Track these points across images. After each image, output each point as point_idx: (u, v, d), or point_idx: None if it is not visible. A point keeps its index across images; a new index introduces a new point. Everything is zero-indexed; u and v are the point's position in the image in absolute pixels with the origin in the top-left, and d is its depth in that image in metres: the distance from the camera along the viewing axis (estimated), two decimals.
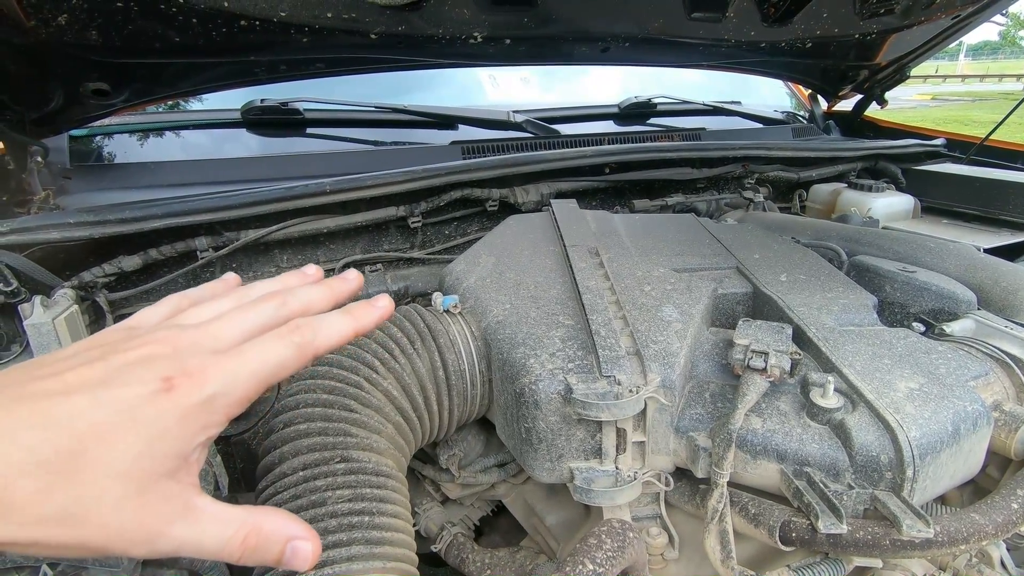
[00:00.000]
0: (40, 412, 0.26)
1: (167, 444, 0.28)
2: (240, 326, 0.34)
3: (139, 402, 0.28)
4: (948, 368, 0.67)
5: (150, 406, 0.28)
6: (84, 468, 0.26)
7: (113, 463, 0.27)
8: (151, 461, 0.28)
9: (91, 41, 0.86)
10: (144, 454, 0.27)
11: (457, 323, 0.77)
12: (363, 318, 0.37)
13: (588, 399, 0.61)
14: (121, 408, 0.27)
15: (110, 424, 0.27)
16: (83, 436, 0.26)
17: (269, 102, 1.28)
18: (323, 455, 0.61)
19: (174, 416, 0.28)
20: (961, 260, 0.96)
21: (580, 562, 0.50)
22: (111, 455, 0.27)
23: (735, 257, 0.93)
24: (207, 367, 0.30)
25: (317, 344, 0.34)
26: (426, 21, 1.06)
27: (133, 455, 0.27)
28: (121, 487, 0.27)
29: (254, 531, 0.31)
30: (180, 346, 0.31)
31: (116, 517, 0.27)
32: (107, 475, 0.26)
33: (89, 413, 0.27)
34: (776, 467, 0.61)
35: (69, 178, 1.11)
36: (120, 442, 0.27)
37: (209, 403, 0.30)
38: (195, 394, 0.29)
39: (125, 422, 0.27)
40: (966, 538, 0.54)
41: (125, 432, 0.27)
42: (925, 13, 1.43)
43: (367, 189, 1.04)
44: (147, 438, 0.28)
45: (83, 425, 0.26)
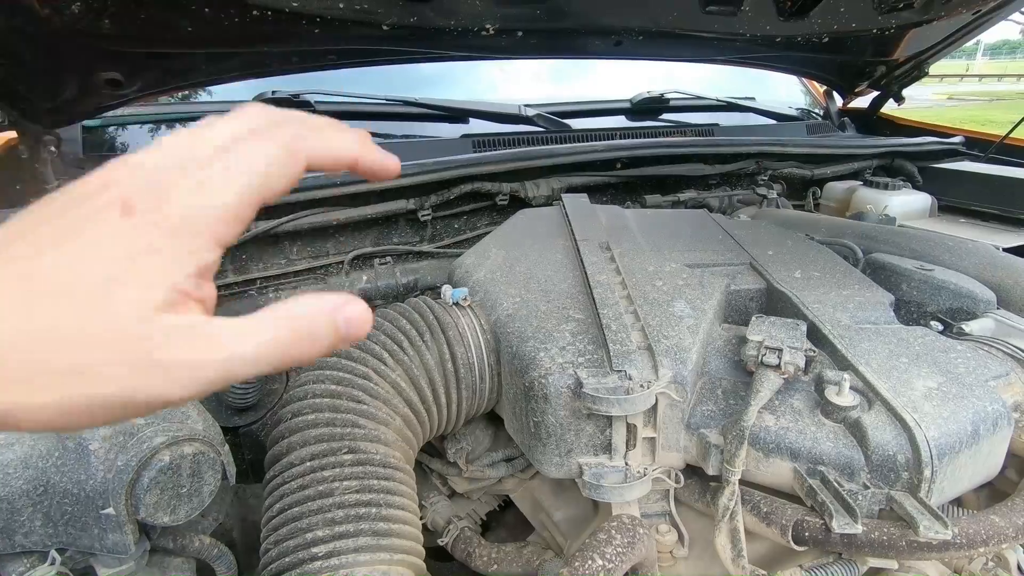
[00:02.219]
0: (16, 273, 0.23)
1: (145, 276, 0.24)
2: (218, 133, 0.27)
3: (101, 237, 0.24)
4: (967, 367, 0.65)
5: (116, 238, 0.24)
6: (68, 319, 0.23)
7: (94, 308, 0.23)
8: (134, 298, 0.24)
9: (104, 30, 0.86)
10: (123, 292, 0.23)
11: (467, 316, 0.77)
12: (368, 149, 0.31)
13: (598, 393, 0.60)
14: (87, 249, 0.24)
15: (81, 268, 0.23)
16: (62, 288, 0.23)
17: (280, 94, 1.28)
18: (331, 446, 0.60)
19: (142, 243, 0.24)
20: (980, 259, 0.94)
21: (589, 557, 0.50)
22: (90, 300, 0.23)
23: (748, 253, 0.91)
24: (172, 178, 0.25)
25: (310, 146, 0.28)
26: (438, 13, 1.06)
27: (113, 295, 0.23)
28: (112, 330, 0.23)
29: (294, 322, 0.26)
30: (141, 165, 0.26)
31: (119, 360, 0.23)
32: (92, 320, 0.23)
33: (61, 262, 0.23)
34: (789, 465, 0.60)
35: (82, 168, 1.11)
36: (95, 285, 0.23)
37: (186, 221, 0.24)
38: (162, 209, 0.24)
39: (94, 262, 0.23)
40: (985, 540, 0.53)
41: (97, 273, 0.23)
42: (945, 8, 1.40)
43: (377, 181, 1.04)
44: (120, 274, 0.24)
45: (61, 276, 0.23)
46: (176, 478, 0.53)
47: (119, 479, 0.51)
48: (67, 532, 0.53)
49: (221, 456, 0.57)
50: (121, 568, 0.55)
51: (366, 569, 0.53)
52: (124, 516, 0.52)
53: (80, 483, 0.51)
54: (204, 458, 0.54)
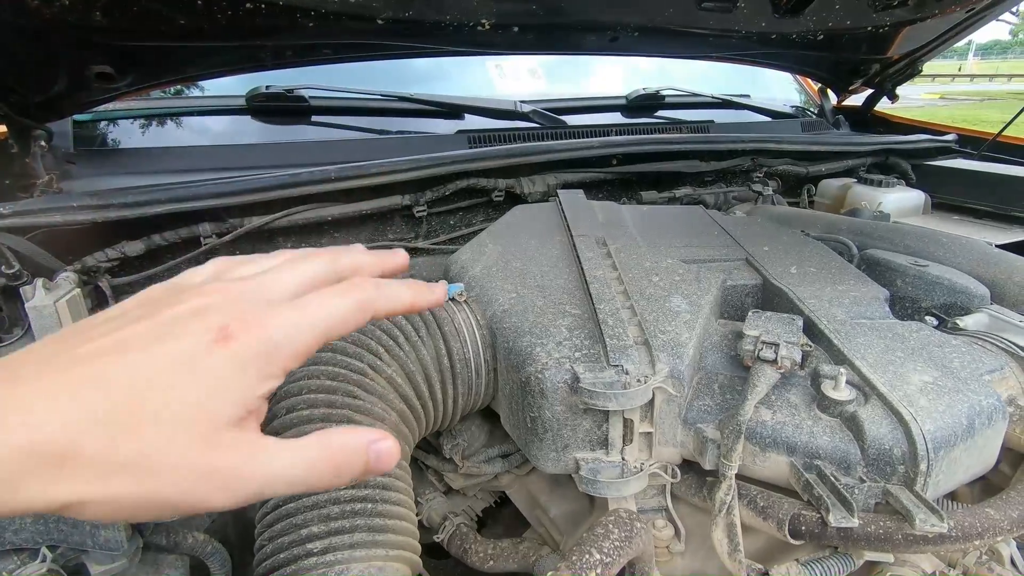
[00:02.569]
0: (96, 372, 0.26)
1: (228, 394, 0.27)
2: (294, 278, 0.32)
3: (195, 353, 0.27)
4: (962, 362, 0.65)
5: (207, 357, 0.27)
6: (145, 420, 0.25)
7: (175, 413, 0.26)
8: (213, 411, 0.27)
9: (96, 22, 0.85)
10: (204, 404, 0.27)
11: (462, 311, 0.76)
12: (420, 294, 0.37)
13: (595, 388, 0.60)
14: (177, 360, 0.27)
15: (167, 376, 0.26)
16: (141, 391, 0.26)
17: (274, 89, 1.27)
18: None
19: (233, 366, 0.27)
20: (974, 255, 0.94)
21: (587, 551, 0.49)
22: (171, 406, 0.26)
23: (744, 249, 0.91)
24: (266, 316, 0.29)
25: (377, 306, 0.33)
26: (433, 7, 1.05)
27: (193, 404, 0.26)
28: (185, 435, 0.26)
29: (335, 449, 0.30)
30: (234, 297, 0.30)
31: (185, 464, 0.26)
32: (170, 424, 0.26)
33: (145, 367, 0.26)
34: (786, 460, 0.60)
35: (73, 163, 1.10)
36: (179, 393, 0.26)
37: (269, 353, 0.28)
38: (254, 344, 0.28)
39: (182, 374, 0.26)
40: (980, 534, 0.53)
41: (183, 383, 0.26)
42: (939, 6, 1.41)
43: (372, 177, 1.04)
44: (206, 388, 0.27)
45: (140, 380, 0.26)
46: None
47: None
48: (58, 529, 0.52)
49: None
50: (113, 565, 0.54)
51: (362, 565, 0.53)
52: None
53: None
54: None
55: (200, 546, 0.60)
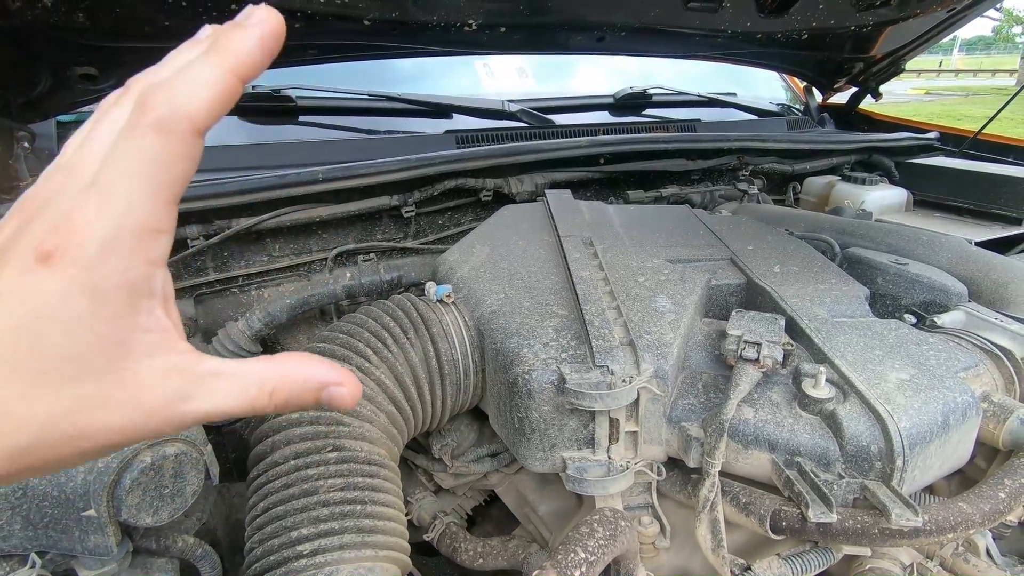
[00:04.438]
0: None
1: (94, 324, 0.22)
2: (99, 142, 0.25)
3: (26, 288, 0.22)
4: (938, 359, 0.67)
5: (39, 289, 0.22)
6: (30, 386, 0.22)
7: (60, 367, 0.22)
8: (95, 349, 0.22)
9: (78, 24, 0.85)
10: (80, 346, 0.22)
11: (451, 313, 0.77)
12: (234, 49, 0.25)
13: (581, 389, 0.61)
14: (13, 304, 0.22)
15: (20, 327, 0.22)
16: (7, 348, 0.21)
17: (261, 89, 1.27)
18: (315, 444, 0.60)
19: (74, 291, 0.22)
20: (952, 253, 0.96)
21: (572, 550, 0.50)
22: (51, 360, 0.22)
23: (729, 248, 0.93)
24: (77, 209, 0.23)
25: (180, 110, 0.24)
26: (420, 8, 1.05)
27: (70, 351, 0.22)
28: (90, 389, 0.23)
29: (282, 382, 0.27)
30: (47, 196, 0.24)
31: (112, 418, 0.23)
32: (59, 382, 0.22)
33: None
34: (767, 457, 0.62)
35: None
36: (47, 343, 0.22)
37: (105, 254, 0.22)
38: (79, 252, 0.22)
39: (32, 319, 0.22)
40: (954, 527, 0.55)
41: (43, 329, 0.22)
42: (921, 6, 1.43)
43: (360, 178, 1.03)
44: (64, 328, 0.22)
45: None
46: (158, 479, 0.53)
47: (100, 481, 0.51)
48: (47, 535, 0.52)
49: (204, 456, 0.56)
50: (103, 570, 0.55)
51: (351, 567, 0.53)
52: (106, 518, 0.51)
53: (60, 485, 0.51)
54: (186, 458, 0.54)
55: (190, 549, 0.60)
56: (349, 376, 0.28)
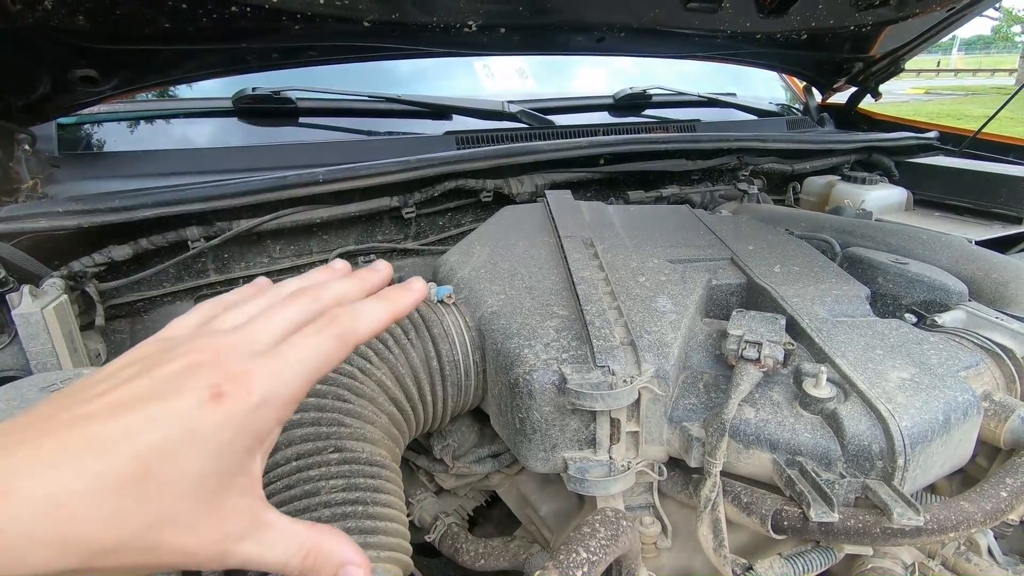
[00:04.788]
0: (94, 436, 0.25)
1: (228, 457, 0.28)
2: (276, 325, 0.33)
3: (193, 415, 0.27)
4: (939, 358, 0.67)
5: (204, 418, 0.27)
6: (153, 491, 0.25)
7: (181, 482, 0.26)
8: (217, 476, 0.27)
9: (79, 26, 0.85)
10: (208, 469, 0.27)
11: (451, 313, 0.77)
12: (399, 302, 0.37)
13: (582, 389, 0.61)
14: (177, 423, 0.26)
15: (169, 441, 0.26)
16: (144, 457, 0.25)
17: (261, 91, 1.27)
18: (316, 445, 0.60)
19: (230, 427, 0.28)
20: (953, 252, 0.96)
21: (574, 550, 0.50)
22: (177, 474, 0.26)
23: (729, 248, 0.93)
24: (251, 371, 0.29)
25: (358, 333, 0.34)
26: (420, 9, 1.05)
27: (198, 472, 0.27)
28: (192, 506, 0.27)
29: (314, 551, 0.31)
30: (220, 352, 0.30)
31: (191, 537, 0.27)
32: (177, 495, 0.26)
33: (145, 432, 0.26)
34: (769, 456, 0.62)
35: (57, 166, 1.09)
36: (183, 459, 0.26)
37: (260, 408, 0.29)
38: (245, 400, 0.28)
39: (183, 438, 0.26)
40: (955, 526, 0.55)
41: (186, 448, 0.26)
42: (920, 5, 1.43)
43: (361, 179, 1.04)
44: (208, 453, 0.27)
45: (142, 445, 0.26)
46: None
47: None
48: None
49: None
50: None
51: None
52: None
53: None
54: None
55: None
56: (366, 562, 0.33)
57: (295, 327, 0.33)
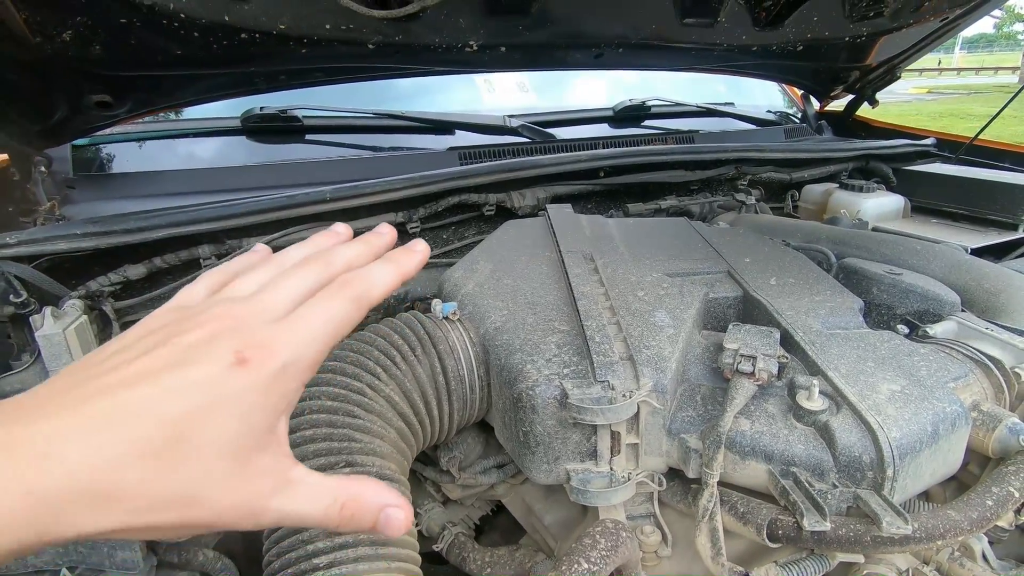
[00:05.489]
0: (124, 402, 0.27)
1: (256, 418, 0.29)
2: (291, 292, 0.34)
3: (219, 380, 0.28)
4: (929, 370, 0.69)
5: (231, 382, 0.28)
6: (189, 452, 0.27)
7: (214, 443, 0.28)
8: (247, 437, 0.28)
9: (95, 56, 0.88)
10: (239, 431, 0.28)
11: (456, 330, 0.79)
12: (405, 264, 0.37)
13: (583, 404, 0.63)
14: (204, 389, 0.28)
15: (200, 406, 0.27)
16: (178, 421, 0.27)
17: (268, 110, 1.30)
18: (329, 460, 0.63)
19: (256, 389, 0.29)
20: (946, 262, 0.98)
21: (576, 561, 0.53)
22: (210, 436, 0.27)
23: (726, 261, 0.95)
24: (274, 336, 0.31)
25: (371, 295, 0.35)
26: (423, 30, 1.08)
27: (231, 433, 0.28)
28: (225, 465, 0.28)
29: (351, 500, 0.32)
30: (240, 319, 0.31)
31: (224, 495, 0.28)
32: (211, 456, 0.27)
33: (175, 397, 0.27)
34: (764, 467, 0.64)
35: (72, 187, 1.13)
36: (215, 422, 0.28)
37: (284, 372, 0.30)
38: (269, 365, 0.29)
39: (214, 402, 0.28)
40: (943, 534, 0.57)
41: (218, 412, 0.28)
42: (914, 16, 1.45)
43: (367, 196, 1.07)
44: (238, 414, 0.28)
45: (175, 410, 0.27)
46: None
47: None
48: (77, 551, 0.55)
49: None
50: None
51: None
52: None
53: None
54: None
55: (210, 562, 0.63)
56: (407, 503, 0.33)
57: (309, 292, 0.34)
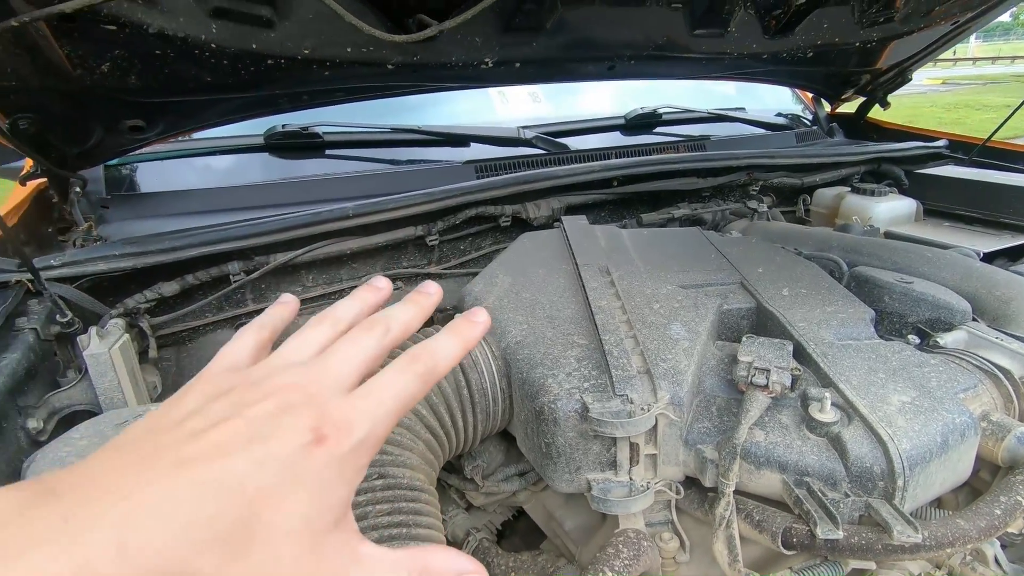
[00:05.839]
0: (206, 479, 0.26)
1: (330, 496, 0.28)
2: (356, 359, 0.33)
3: (296, 457, 0.27)
4: (939, 381, 0.71)
5: (307, 460, 0.28)
6: (259, 534, 0.26)
7: (285, 524, 0.27)
8: (319, 516, 0.28)
9: (131, 85, 0.93)
10: (312, 511, 0.27)
11: (479, 344, 0.83)
12: (468, 335, 0.37)
13: (603, 417, 0.66)
14: (281, 466, 0.27)
15: (275, 485, 0.27)
16: (253, 501, 0.26)
17: (290, 127, 1.34)
18: None
19: (332, 467, 0.28)
20: (957, 270, 1.00)
21: (600, 570, 0.56)
22: (282, 517, 0.27)
23: (739, 272, 0.97)
24: (349, 413, 0.30)
25: (438, 370, 0.34)
26: (441, 49, 1.12)
27: (302, 513, 0.27)
28: (295, 547, 0.27)
29: (423, 571, 0.31)
30: (310, 390, 0.31)
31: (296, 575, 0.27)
32: (281, 538, 0.27)
33: (254, 475, 0.26)
34: (778, 477, 0.66)
35: (107, 207, 1.18)
36: (288, 502, 0.27)
37: (358, 448, 0.30)
38: (345, 442, 0.29)
39: (289, 480, 0.27)
40: (952, 542, 0.59)
41: (291, 491, 0.27)
42: (925, 20, 1.46)
43: (388, 212, 1.10)
44: (312, 494, 0.27)
45: (251, 489, 0.26)
46: None
47: None
48: None
49: None
50: None
51: None
52: None
53: None
54: None
55: None
56: (481, 568, 0.32)
57: (372, 360, 0.34)
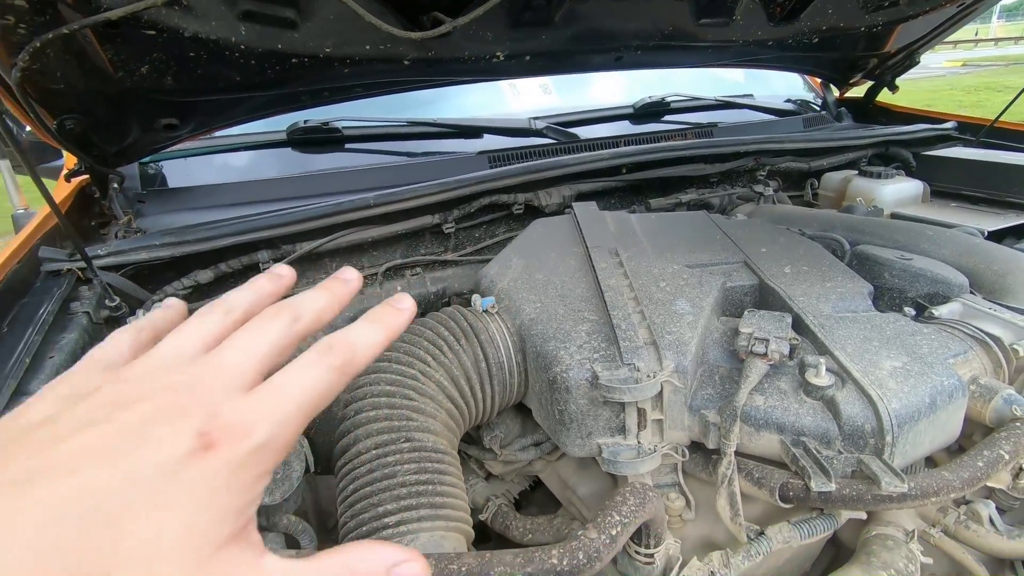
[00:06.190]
0: (54, 500, 0.21)
1: (220, 508, 0.24)
2: (254, 352, 0.28)
3: (175, 467, 0.23)
4: (930, 348, 0.75)
5: (191, 469, 0.23)
6: (127, 560, 0.21)
7: (161, 544, 0.22)
8: (207, 531, 0.23)
9: (167, 86, 0.99)
10: (197, 526, 0.23)
11: (495, 321, 0.88)
12: (392, 324, 0.32)
13: (612, 384, 0.71)
14: (155, 478, 0.23)
15: (147, 500, 0.22)
16: (116, 522, 0.22)
17: (312, 122, 1.41)
18: (391, 436, 0.73)
19: (223, 476, 0.24)
20: (956, 246, 1.03)
21: (609, 514, 0.61)
22: (154, 534, 0.22)
23: (743, 252, 1.02)
24: (245, 412, 0.25)
25: (356, 362, 0.30)
26: (454, 45, 1.17)
27: (182, 530, 0.23)
28: (176, 568, 0.22)
29: (350, 570, 0.27)
30: (198, 390, 0.26)
31: None
32: (158, 560, 0.22)
33: (119, 491, 0.22)
34: (776, 438, 0.71)
35: (143, 201, 1.25)
36: (165, 518, 0.22)
37: (257, 454, 0.25)
38: (240, 447, 0.25)
39: (165, 493, 0.23)
40: (936, 492, 0.63)
41: (168, 506, 0.23)
42: (930, 3, 1.48)
43: (406, 201, 1.16)
44: (197, 507, 0.23)
45: (114, 508, 0.22)
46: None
47: None
48: None
49: (304, 448, 0.69)
50: None
51: (428, 535, 0.65)
52: None
53: None
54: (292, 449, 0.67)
55: (292, 525, 0.73)
56: (415, 552, 0.28)
57: (275, 352, 0.29)
